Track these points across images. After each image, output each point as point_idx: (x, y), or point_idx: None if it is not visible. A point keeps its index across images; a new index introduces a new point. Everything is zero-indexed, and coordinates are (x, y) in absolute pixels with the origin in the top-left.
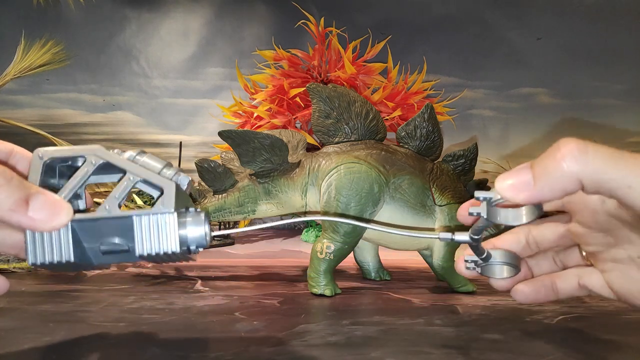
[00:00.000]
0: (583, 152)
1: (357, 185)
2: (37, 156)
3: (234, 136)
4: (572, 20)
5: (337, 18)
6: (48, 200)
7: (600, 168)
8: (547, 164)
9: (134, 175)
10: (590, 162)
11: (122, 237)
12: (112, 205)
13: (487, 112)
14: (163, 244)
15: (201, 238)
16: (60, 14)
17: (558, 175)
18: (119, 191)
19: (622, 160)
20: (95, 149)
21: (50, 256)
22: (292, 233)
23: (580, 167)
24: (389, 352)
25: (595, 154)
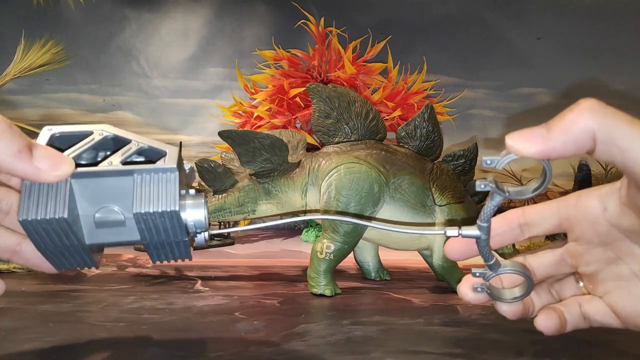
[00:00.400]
0: (602, 108)
1: (357, 185)
2: (46, 129)
3: (234, 136)
4: (572, 20)
5: (337, 18)
6: (51, 151)
7: (616, 126)
8: (564, 117)
9: (139, 142)
10: (608, 119)
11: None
12: (115, 161)
13: (487, 112)
14: (162, 202)
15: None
16: (60, 14)
17: (574, 127)
18: (124, 152)
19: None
20: (103, 126)
21: (44, 212)
22: (292, 233)
23: (597, 121)
24: (389, 352)
25: (614, 113)
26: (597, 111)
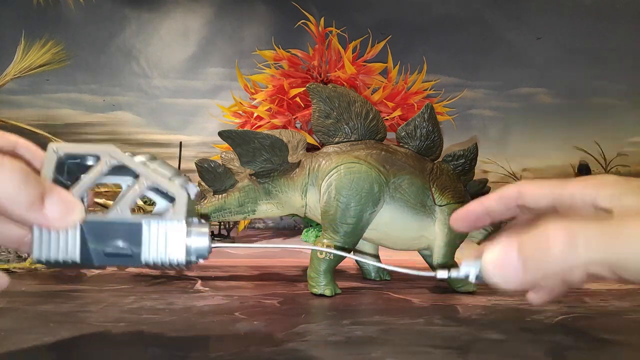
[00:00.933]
0: (572, 242)
1: (357, 185)
2: (52, 150)
3: (234, 136)
4: (572, 20)
5: (337, 18)
6: (62, 199)
7: (592, 258)
8: (536, 255)
9: (147, 180)
10: (581, 255)
11: (128, 242)
12: (124, 209)
13: (487, 112)
14: (169, 253)
15: (203, 250)
16: (60, 14)
17: (548, 269)
18: (132, 195)
19: (614, 239)
20: (110, 149)
21: (56, 254)
22: (292, 233)
23: (571, 259)
24: (389, 352)
25: (586, 243)
26: (567, 249)
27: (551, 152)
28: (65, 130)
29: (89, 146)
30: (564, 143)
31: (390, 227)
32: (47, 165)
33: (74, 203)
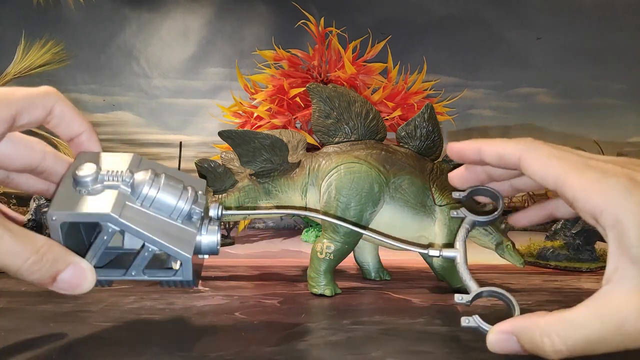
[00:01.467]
0: (552, 342)
1: (357, 185)
2: (51, 219)
3: (234, 136)
4: (572, 20)
5: (337, 18)
6: (74, 274)
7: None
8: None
9: (152, 247)
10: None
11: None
12: (138, 273)
13: (487, 112)
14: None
15: (213, 246)
16: (60, 14)
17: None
18: (141, 260)
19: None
20: (110, 218)
21: None
22: (292, 233)
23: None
24: (389, 352)
25: (562, 340)
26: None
27: None
28: None
29: (87, 214)
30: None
31: (390, 227)
32: (53, 234)
33: (85, 275)
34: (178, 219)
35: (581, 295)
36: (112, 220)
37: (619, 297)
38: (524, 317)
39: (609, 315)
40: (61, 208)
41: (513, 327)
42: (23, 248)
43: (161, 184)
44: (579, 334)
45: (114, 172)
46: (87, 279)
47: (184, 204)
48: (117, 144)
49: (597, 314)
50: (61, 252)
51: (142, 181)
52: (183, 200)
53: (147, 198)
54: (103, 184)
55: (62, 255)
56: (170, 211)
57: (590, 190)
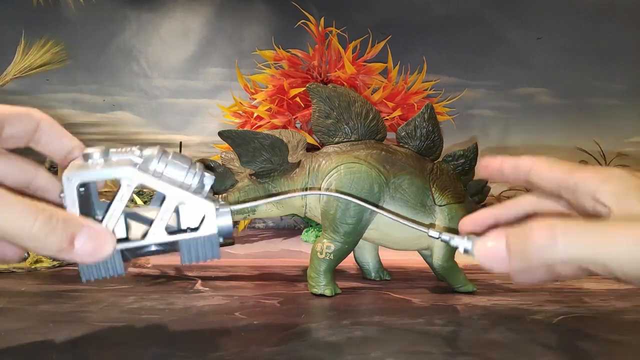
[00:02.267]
0: (552, 239)
1: (357, 185)
2: (67, 180)
3: (234, 136)
4: (572, 20)
5: (337, 18)
6: (92, 235)
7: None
8: (520, 249)
9: (173, 199)
10: (559, 250)
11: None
12: (160, 231)
13: (487, 112)
14: (206, 256)
15: (229, 229)
16: (60, 14)
17: (531, 263)
18: (164, 215)
19: (592, 237)
20: (129, 171)
21: (104, 272)
22: (292, 233)
23: (551, 255)
24: (389, 352)
25: (566, 240)
26: (547, 245)
27: (551, 152)
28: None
29: (105, 172)
30: (564, 143)
31: (390, 227)
32: (68, 197)
33: (104, 236)
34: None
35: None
36: (132, 174)
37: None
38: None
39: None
40: (77, 170)
41: (506, 229)
42: (29, 209)
43: (169, 158)
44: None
45: (123, 150)
46: (107, 240)
47: (193, 177)
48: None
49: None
50: (71, 215)
51: (151, 156)
52: (192, 174)
53: (157, 171)
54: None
55: (73, 217)
56: (180, 183)
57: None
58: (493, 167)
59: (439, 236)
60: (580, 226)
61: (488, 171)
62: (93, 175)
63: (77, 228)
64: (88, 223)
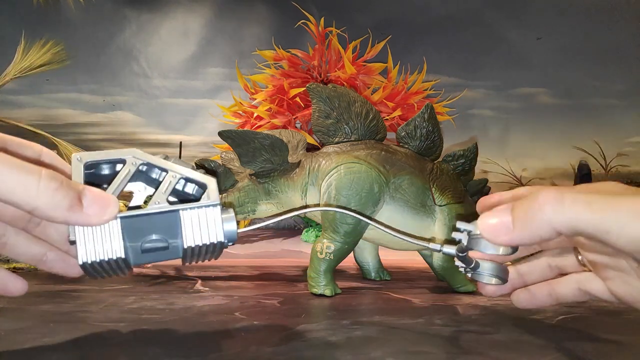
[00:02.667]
0: (559, 201)
1: (357, 185)
2: (76, 159)
3: (234, 136)
4: (572, 20)
5: (337, 18)
6: (98, 194)
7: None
8: (526, 212)
9: (176, 173)
10: (566, 212)
11: (166, 234)
12: (162, 200)
13: (487, 112)
14: (210, 235)
15: (233, 232)
16: (60, 14)
17: (535, 224)
18: (166, 187)
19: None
20: (133, 150)
21: (101, 254)
22: (292, 233)
23: (556, 216)
24: (389, 352)
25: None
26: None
27: (551, 152)
28: (65, 130)
29: (113, 152)
30: (564, 143)
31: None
32: (75, 174)
33: (109, 197)
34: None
35: None
36: (136, 154)
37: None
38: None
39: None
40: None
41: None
42: (31, 168)
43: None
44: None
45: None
46: (111, 201)
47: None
48: (117, 144)
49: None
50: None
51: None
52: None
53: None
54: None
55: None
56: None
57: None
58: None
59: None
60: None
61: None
62: (101, 155)
63: (81, 188)
64: (92, 188)
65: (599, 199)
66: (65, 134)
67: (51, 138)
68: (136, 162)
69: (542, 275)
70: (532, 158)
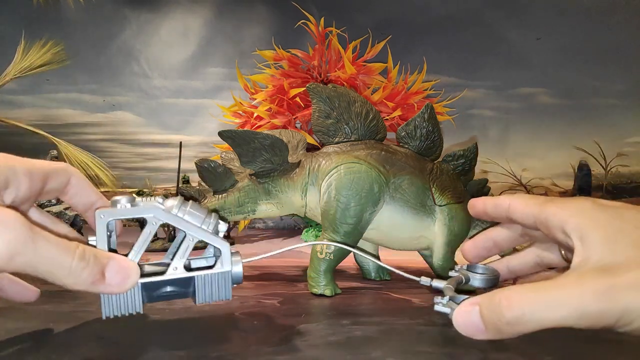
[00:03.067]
0: (519, 310)
1: (357, 185)
2: (100, 217)
3: (234, 136)
4: (572, 20)
5: (337, 18)
6: (120, 268)
7: (538, 320)
8: (491, 317)
9: (193, 237)
10: (527, 319)
11: (179, 287)
12: (179, 267)
13: (487, 112)
14: (220, 294)
15: (239, 276)
16: (60, 14)
17: (504, 335)
18: (183, 252)
19: (548, 302)
20: (155, 208)
21: (123, 309)
22: (292, 233)
23: (522, 327)
24: (389, 352)
25: (530, 307)
26: (518, 312)
27: (551, 152)
28: (65, 130)
29: (135, 209)
30: (564, 143)
31: (390, 227)
32: (99, 232)
33: (130, 269)
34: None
35: None
36: (158, 212)
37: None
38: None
39: (574, 301)
40: (109, 209)
41: (478, 299)
42: (65, 248)
43: (188, 207)
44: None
45: (147, 198)
46: (132, 269)
47: (209, 224)
48: (117, 144)
49: (563, 298)
50: (97, 250)
51: (172, 205)
52: (207, 223)
53: (178, 215)
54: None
55: (102, 252)
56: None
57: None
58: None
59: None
60: (538, 290)
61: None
62: (123, 214)
63: (106, 261)
64: (114, 256)
65: (547, 295)
66: (65, 134)
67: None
68: (157, 222)
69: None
70: (532, 158)
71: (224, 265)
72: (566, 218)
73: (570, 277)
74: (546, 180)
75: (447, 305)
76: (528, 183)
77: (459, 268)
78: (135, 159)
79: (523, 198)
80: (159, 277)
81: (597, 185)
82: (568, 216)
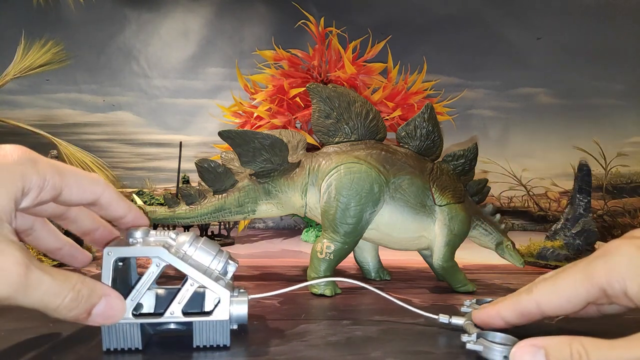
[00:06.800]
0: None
1: (357, 185)
2: (107, 254)
3: (234, 136)
4: (572, 20)
5: (337, 18)
6: (107, 309)
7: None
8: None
9: (194, 282)
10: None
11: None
12: (177, 311)
13: (487, 112)
14: (217, 340)
15: (243, 317)
16: (60, 14)
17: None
18: (182, 297)
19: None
20: (160, 250)
21: (123, 344)
22: (292, 233)
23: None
24: (389, 352)
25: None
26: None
27: (551, 152)
28: (65, 130)
29: (141, 249)
30: (564, 143)
31: (390, 227)
32: (105, 267)
33: (116, 312)
34: (212, 275)
35: None
36: (162, 254)
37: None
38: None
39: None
40: (116, 246)
41: (544, 341)
42: (61, 287)
43: (199, 245)
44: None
45: (162, 232)
46: (119, 310)
47: (218, 263)
48: (117, 144)
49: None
50: (94, 286)
51: (184, 241)
52: (217, 260)
53: (187, 254)
54: (152, 239)
55: (96, 289)
56: (205, 268)
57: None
58: (495, 323)
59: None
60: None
61: (490, 327)
62: (129, 252)
63: (96, 300)
64: (108, 293)
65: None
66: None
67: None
68: (161, 264)
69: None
70: (532, 158)
71: (222, 314)
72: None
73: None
74: (546, 180)
75: (478, 342)
76: (528, 183)
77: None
78: (135, 159)
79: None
80: (156, 319)
81: (597, 185)
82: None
